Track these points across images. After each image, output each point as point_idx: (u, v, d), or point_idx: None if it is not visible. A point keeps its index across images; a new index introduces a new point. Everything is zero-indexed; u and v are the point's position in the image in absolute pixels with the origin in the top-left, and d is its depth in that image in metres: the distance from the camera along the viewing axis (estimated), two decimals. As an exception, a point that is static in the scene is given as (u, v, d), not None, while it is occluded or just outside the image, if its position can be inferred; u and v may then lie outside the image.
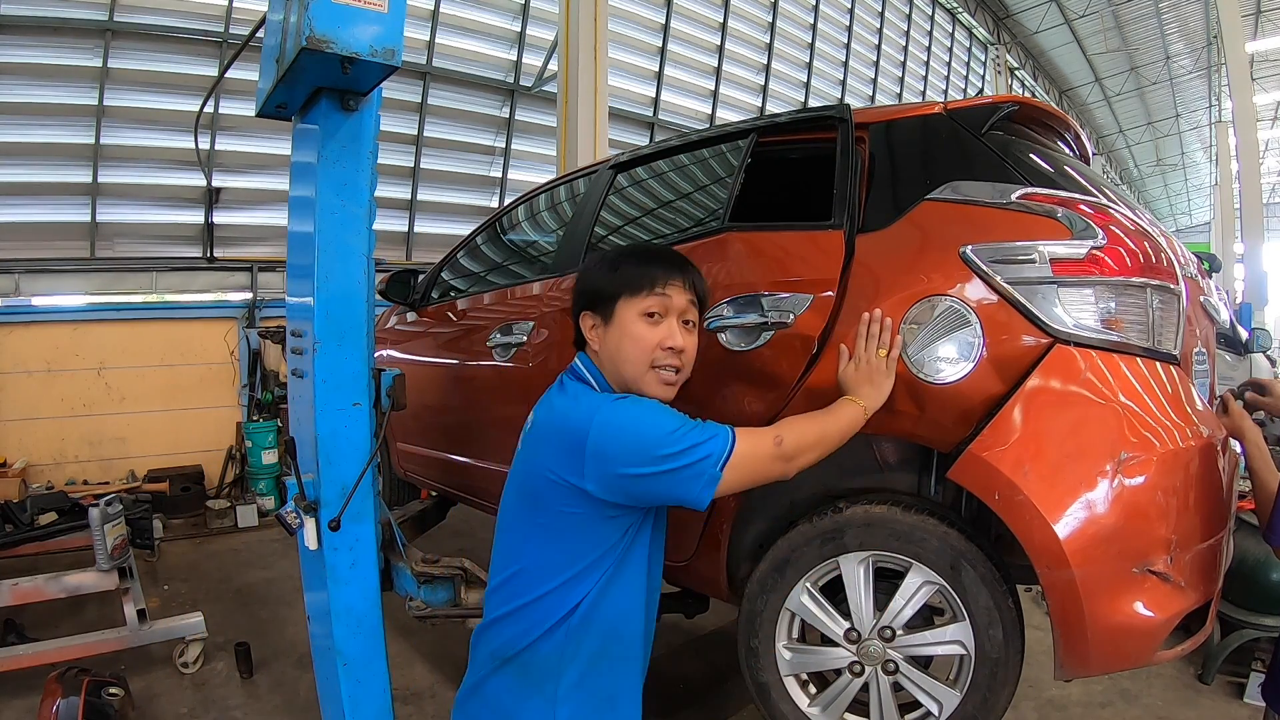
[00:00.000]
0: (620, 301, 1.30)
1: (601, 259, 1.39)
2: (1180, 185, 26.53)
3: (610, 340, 1.31)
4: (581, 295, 1.37)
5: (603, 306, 1.32)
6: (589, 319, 1.35)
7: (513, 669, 1.27)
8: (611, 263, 1.34)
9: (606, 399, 1.25)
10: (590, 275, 1.37)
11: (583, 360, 1.37)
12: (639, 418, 1.21)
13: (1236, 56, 9.63)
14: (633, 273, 1.31)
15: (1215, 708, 2.66)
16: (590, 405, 1.24)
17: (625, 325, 1.29)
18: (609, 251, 1.40)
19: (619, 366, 1.31)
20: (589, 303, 1.35)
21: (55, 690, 2.25)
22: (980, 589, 1.50)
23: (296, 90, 1.61)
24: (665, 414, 1.23)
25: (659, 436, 1.19)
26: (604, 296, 1.32)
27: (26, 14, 4.70)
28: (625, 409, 1.22)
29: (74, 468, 5.15)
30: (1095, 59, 16.75)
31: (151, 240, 5.52)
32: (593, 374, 1.34)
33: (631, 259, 1.34)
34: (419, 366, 2.90)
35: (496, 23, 6.92)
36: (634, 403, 1.24)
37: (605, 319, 1.32)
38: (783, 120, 1.97)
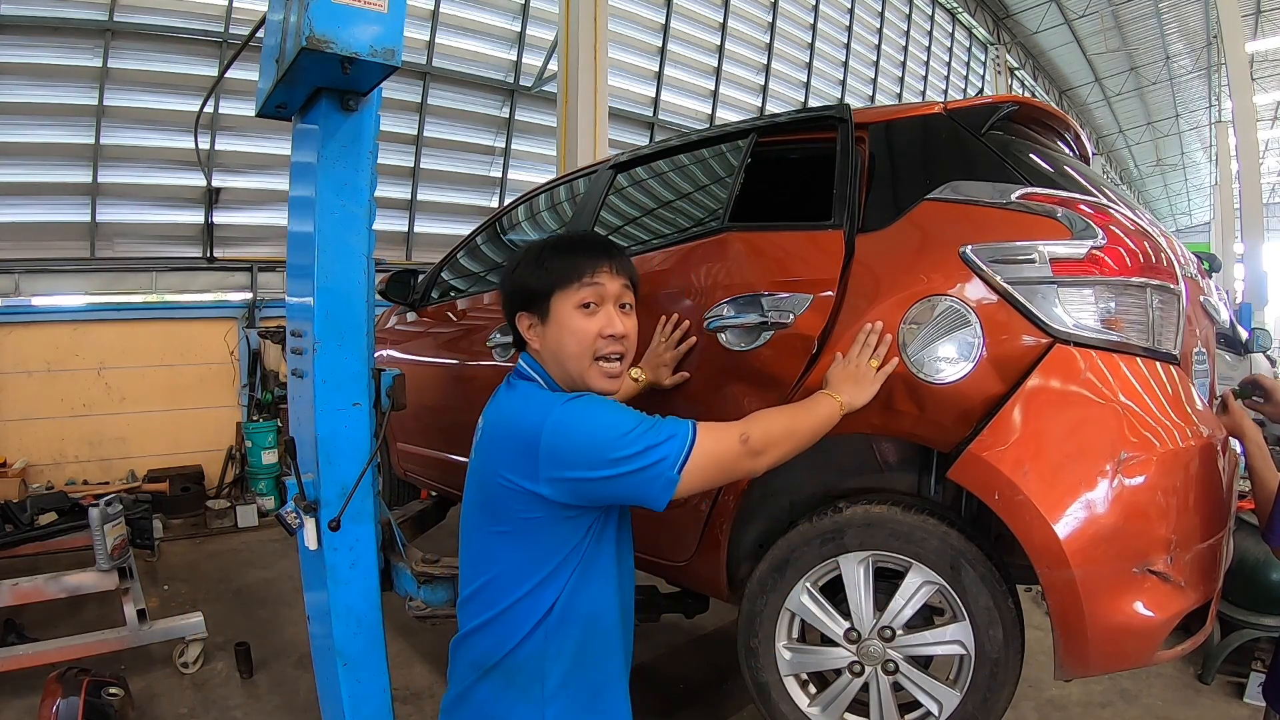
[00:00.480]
0: (554, 298, 1.27)
1: (525, 256, 1.32)
2: (1180, 185, 26.53)
3: (550, 337, 1.28)
4: (513, 296, 1.33)
5: (537, 305, 1.29)
6: (525, 319, 1.31)
7: (497, 676, 1.25)
8: (537, 258, 1.29)
9: (558, 399, 1.21)
10: (518, 274, 1.32)
11: (526, 360, 1.34)
12: (592, 418, 1.18)
13: (1236, 56, 9.63)
14: (560, 266, 1.27)
15: (1215, 708, 2.66)
16: (542, 406, 1.20)
17: (563, 320, 1.26)
18: (530, 247, 1.33)
19: (563, 362, 1.28)
20: (522, 303, 1.31)
21: (55, 690, 2.25)
22: (980, 589, 1.50)
23: (296, 90, 1.61)
24: (620, 414, 1.19)
25: (613, 438, 1.15)
26: (536, 295, 1.28)
27: (26, 14, 4.69)
28: (578, 409, 1.18)
29: (74, 468, 5.15)
30: (1095, 59, 16.75)
31: (151, 240, 5.52)
32: (538, 373, 1.31)
33: (556, 252, 1.29)
34: (419, 366, 2.90)
35: (496, 23, 6.92)
36: (588, 402, 1.20)
37: (542, 317, 1.28)
38: (783, 120, 1.97)
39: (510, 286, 1.33)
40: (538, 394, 1.26)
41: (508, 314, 1.35)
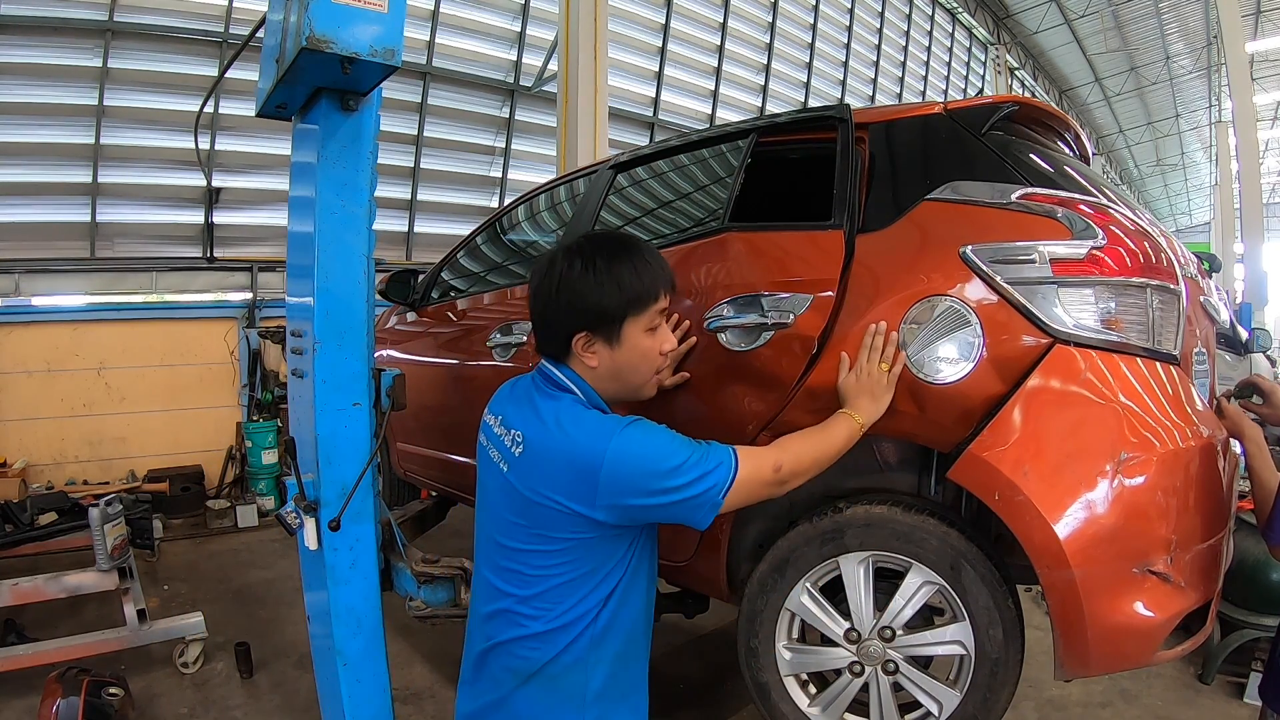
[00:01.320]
0: (627, 323, 1.23)
1: (590, 271, 1.23)
2: (1180, 185, 26.53)
3: (619, 359, 1.25)
4: (579, 315, 1.24)
5: (605, 327, 1.23)
6: (586, 339, 1.24)
7: (539, 683, 1.26)
8: (609, 276, 1.22)
9: (615, 426, 1.20)
10: (587, 292, 1.22)
11: (566, 373, 1.28)
12: (652, 448, 1.19)
13: (1236, 56, 9.62)
14: (636, 289, 1.22)
15: (1215, 708, 2.66)
16: (599, 434, 1.19)
17: (635, 344, 1.24)
18: (586, 253, 1.24)
19: (625, 381, 1.27)
20: (589, 323, 1.23)
21: (55, 690, 2.24)
22: (980, 589, 1.50)
23: (296, 90, 1.61)
24: (674, 443, 1.21)
25: (669, 468, 1.17)
26: (609, 318, 1.22)
27: (26, 14, 4.69)
28: (637, 440, 1.19)
29: (74, 468, 5.15)
30: (1095, 59, 16.75)
31: (151, 240, 5.52)
32: (581, 388, 1.27)
33: (627, 270, 1.23)
34: (419, 366, 2.90)
35: (496, 23, 6.92)
36: (644, 432, 1.21)
37: (610, 340, 1.24)
38: (783, 120, 1.97)
39: (575, 303, 1.23)
40: (589, 418, 1.23)
41: (559, 329, 1.26)
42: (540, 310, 1.28)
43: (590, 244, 1.26)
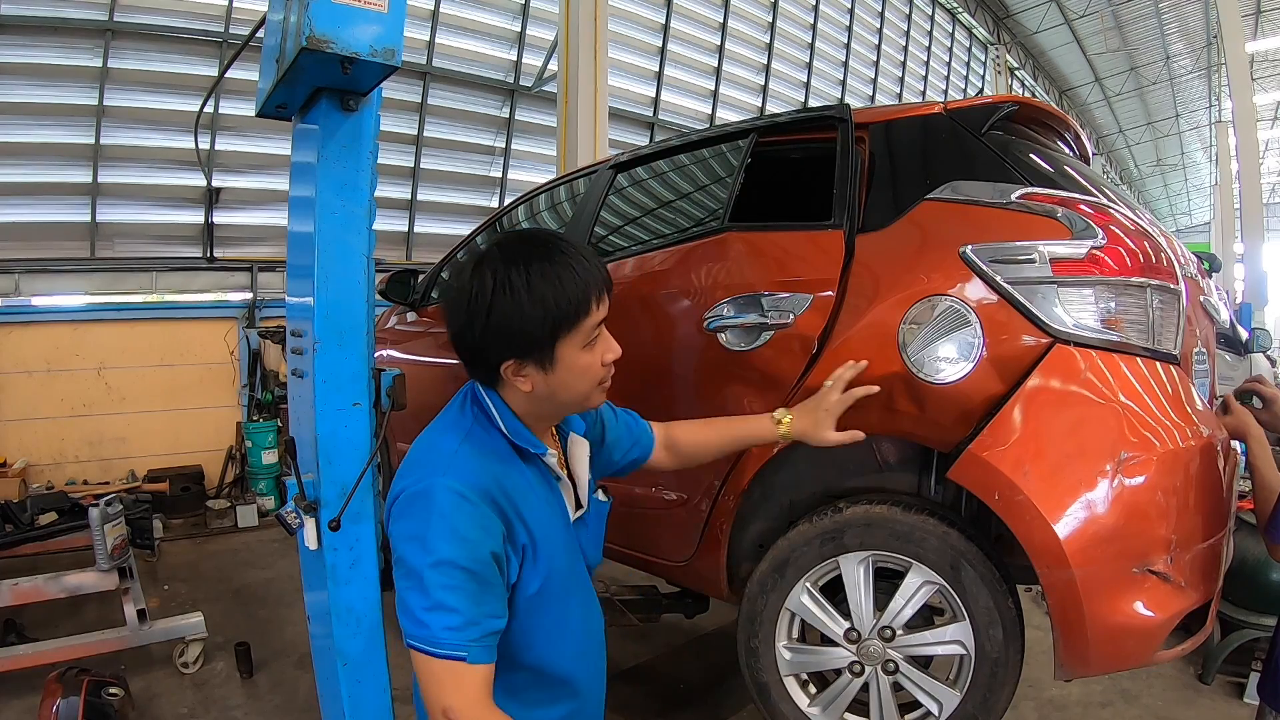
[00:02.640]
0: (560, 344, 1.03)
1: (507, 291, 1.00)
2: (1180, 185, 26.52)
3: (555, 382, 1.06)
4: (503, 342, 1.03)
5: (536, 353, 1.03)
6: (515, 366, 1.05)
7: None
8: (529, 295, 1.00)
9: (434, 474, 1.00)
10: (509, 317, 1.00)
11: (489, 396, 1.11)
12: (433, 528, 0.96)
13: (1236, 56, 9.62)
14: (562, 307, 1.01)
15: (1215, 708, 2.66)
16: (423, 470, 1.03)
17: (571, 364, 1.05)
18: (499, 269, 1.01)
19: (561, 401, 1.10)
20: (516, 350, 1.03)
21: (55, 690, 2.24)
22: (980, 589, 1.50)
23: (296, 90, 1.61)
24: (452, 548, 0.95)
25: (421, 558, 0.96)
26: (536, 343, 1.02)
27: (26, 14, 4.69)
28: (435, 507, 0.97)
29: (74, 468, 5.14)
30: (1095, 59, 16.75)
31: (151, 240, 5.52)
32: (498, 409, 1.10)
33: (549, 284, 1.00)
34: (419, 366, 2.90)
35: (496, 23, 6.92)
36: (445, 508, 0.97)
37: (543, 364, 1.04)
38: (783, 120, 1.97)
39: (498, 329, 1.02)
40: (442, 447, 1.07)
41: (485, 357, 1.06)
42: (457, 335, 1.08)
43: (503, 254, 1.03)
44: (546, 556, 1.07)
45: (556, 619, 1.11)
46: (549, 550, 1.08)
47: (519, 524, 1.03)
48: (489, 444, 1.08)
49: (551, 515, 1.12)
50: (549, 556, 1.08)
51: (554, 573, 1.08)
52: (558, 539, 1.11)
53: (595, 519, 1.24)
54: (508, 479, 1.05)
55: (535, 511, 1.07)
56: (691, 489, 1.86)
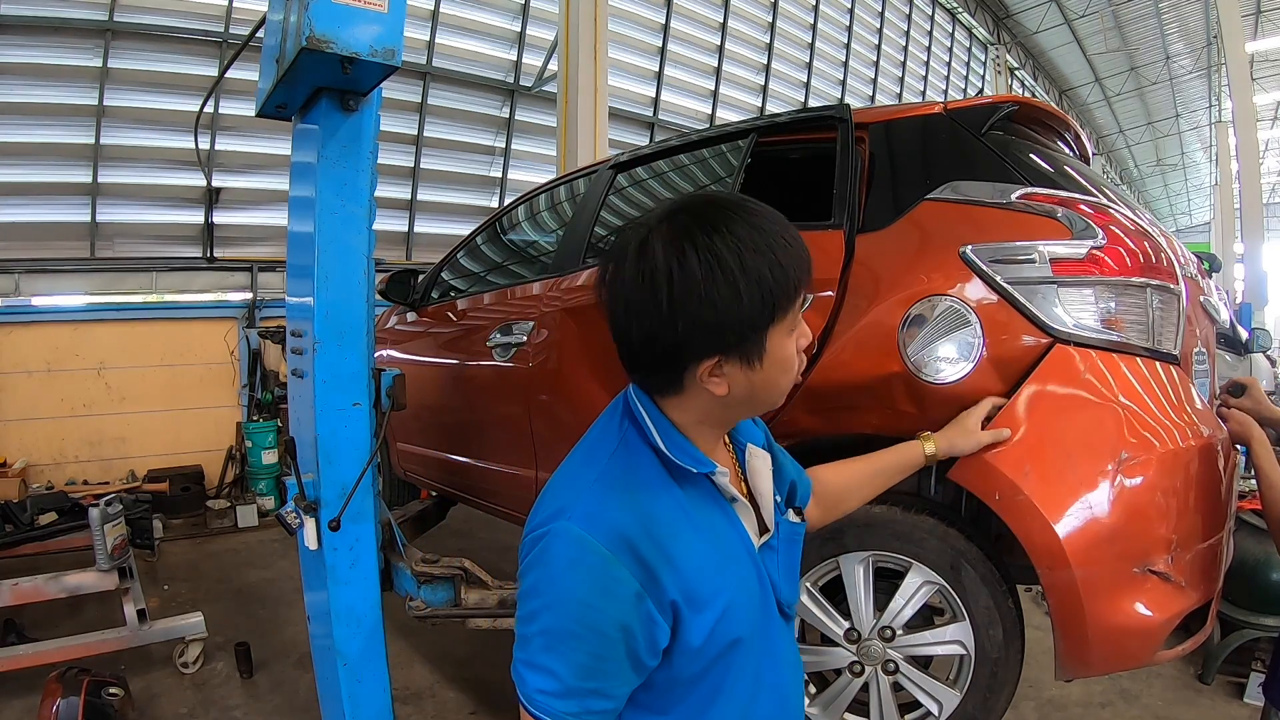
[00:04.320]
0: (772, 330, 0.82)
1: (715, 269, 0.77)
2: (1180, 185, 26.53)
3: (759, 380, 0.84)
4: (706, 335, 0.80)
5: (744, 347, 0.81)
6: (714, 367, 0.82)
7: None
8: (744, 274, 0.78)
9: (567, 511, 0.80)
10: (716, 302, 0.78)
11: (644, 403, 0.88)
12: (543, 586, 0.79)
13: (1236, 56, 9.62)
14: (780, 280, 0.80)
15: (1215, 708, 2.66)
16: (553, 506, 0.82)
17: (779, 356, 0.84)
18: (699, 241, 0.78)
19: (755, 405, 0.89)
20: (721, 345, 0.80)
21: (55, 690, 2.24)
22: (980, 589, 1.50)
23: (296, 90, 1.61)
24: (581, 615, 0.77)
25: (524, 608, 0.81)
26: (748, 332, 0.80)
27: (26, 14, 4.69)
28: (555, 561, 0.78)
29: (74, 468, 5.15)
30: (1095, 59, 16.76)
31: (151, 240, 5.52)
32: (657, 424, 0.86)
33: (764, 258, 0.79)
34: (419, 366, 2.90)
35: (496, 23, 6.92)
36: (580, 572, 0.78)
37: (750, 359, 0.82)
38: (783, 120, 1.97)
39: (699, 319, 0.78)
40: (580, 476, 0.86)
41: (675, 358, 0.82)
42: (647, 337, 0.82)
43: (698, 223, 0.80)
44: (718, 603, 0.83)
45: (739, 675, 0.87)
46: (723, 594, 0.84)
47: (668, 574, 0.79)
48: (636, 468, 0.85)
49: (723, 549, 0.87)
50: (723, 602, 0.84)
51: (733, 619, 0.85)
52: (733, 576, 0.87)
53: (787, 544, 0.99)
54: (658, 514, 0.82)
55: (696, 550, 0.83)
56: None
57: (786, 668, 0.96)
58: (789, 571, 0.99)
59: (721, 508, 0.90)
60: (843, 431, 1.65)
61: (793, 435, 1.68)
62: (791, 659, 0.99)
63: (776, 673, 0.94)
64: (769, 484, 0.99)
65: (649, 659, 0.81)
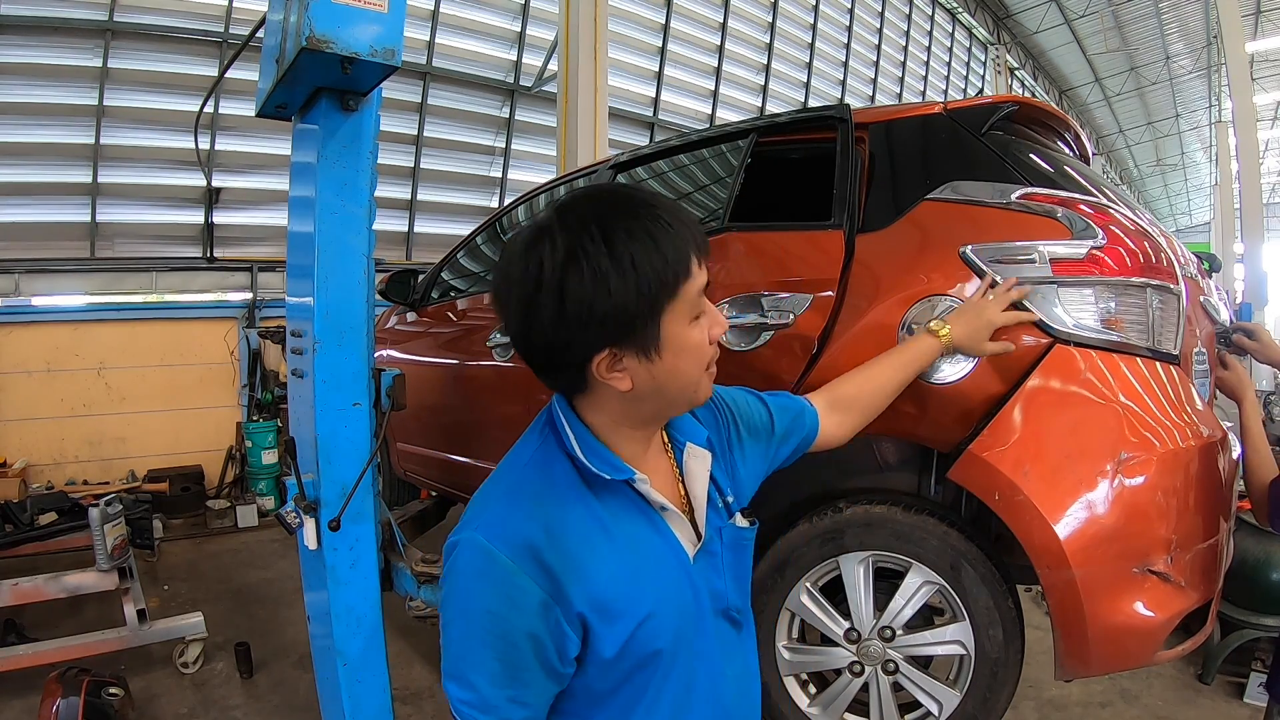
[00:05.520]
0: (664, 318, 0.80)
1: (586, 261, 0.76)
2: (1180, 185, 26.52)
3: (661, 371, 0.82)
4: (592, 330, 0.78)
5: (639, 335, 0.80)
6: (610, 359, 0.81)
7: None
8: (616, 261, 0.76)
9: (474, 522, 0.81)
10: (596, 295, 0.76)
11: (563, 412, 0.87)
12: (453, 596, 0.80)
13: (1236, 56, 9.61)
14: (661, 269, 0.78)
15: (1215, 708, 2.66)
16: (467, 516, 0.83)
17: (681, 343, 0.82)
18: (573, 236, 0.77)
19: (668, 397, 0.86)
20: (610, 337, 0.79)
21: (55, 690, 2.25)
22: (980, 589, 1.50)
23: (296, 90, 1.61)
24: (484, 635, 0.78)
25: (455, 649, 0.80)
26: (634, 321, 0.79)
27: (26, 14, 4.69)
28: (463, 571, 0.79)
29: (74, 468, 5.15)
30: (1095, 59, 16.75)
31: (151, 240, 5.52)
32: (575, 431, 0.85)
33: (641, 243, 0.78)
34: (419, 366, 2.90)
35: (496, 23, 6.92)
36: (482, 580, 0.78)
37: (647, 349, 0.81)
38: (783, 120, 1.97)
39: (583, 316, 0.77)
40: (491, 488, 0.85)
41: (568, 356, 0.81)
42: (521, 334, 0.83)
43: (565, 219, 0.79)
44: (635, 614, 0.82)
45: (662, 686, 0.85)
46: (641, 606, 0.82)
47: (575, 585, 0.78)
48: (550, 477, 0.84)
49: (643, 558, 0.85)
50: (641, 613, 0.82)
51: (651, 631, 0.83)
52: (653, 588, 0.84)
53: (733, 549, 0.96)
54: (568, 523, 0.81)
55: (608, 560, 0.81)
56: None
57: (728, 678, 0.94)
58: (737, 577, 0.97)
59: (647, 516, 0.87)
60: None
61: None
62: (737, 668, 0.96)
63: (714, 683, 0.91)
64: (704, 487, 0.95)
65: (563, 667, 0.80)
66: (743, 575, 1.00)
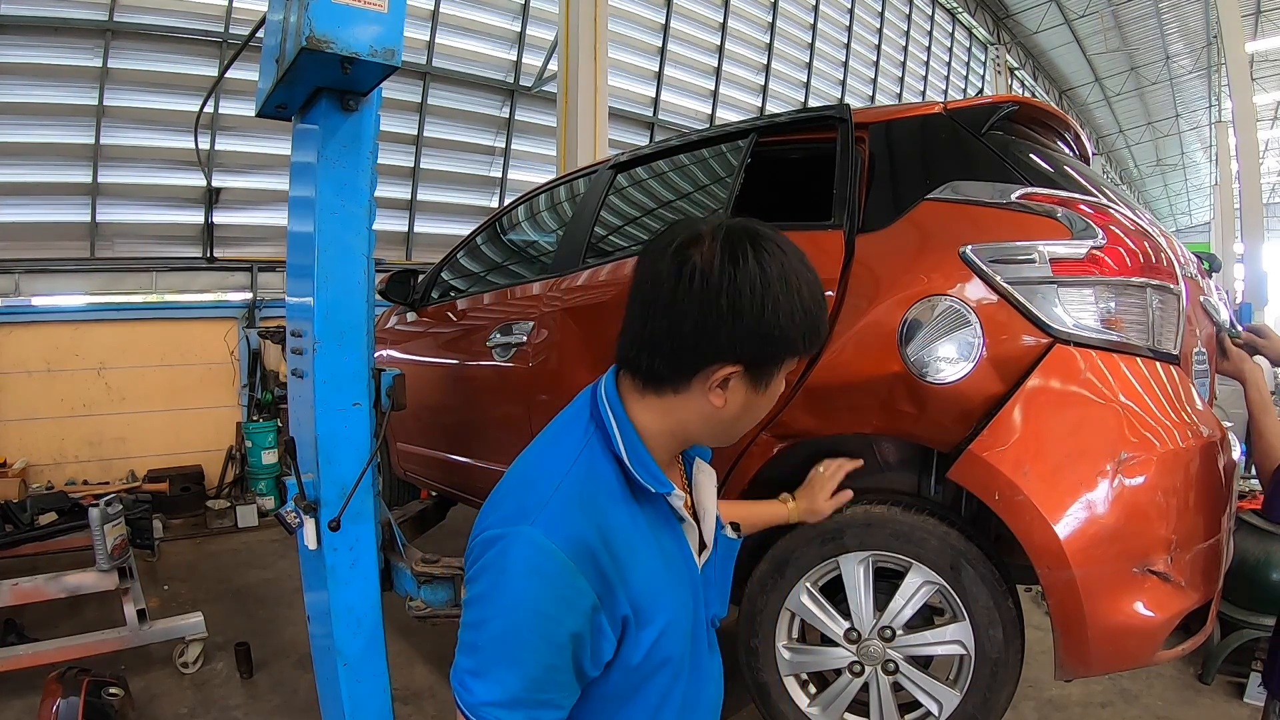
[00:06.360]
0: (785, 362, 0.83)
1: (785, 282, 0.79)
2: (1180, 185, 26.52)
3: (753, 406, 0.85)
4: (747, 338, 0.78)
5: (764, 365, 0.81)
6: (734, 375, 0.81)
7: None
8: (798, 298, 0.79)
9: (528, 516, 0.77)
10: (774, 310, 0.78)
11: (614, 407, 0.86)
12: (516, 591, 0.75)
13: (1236, 56, 9.62)
14: (813, 319, 0.82)
15: (1215, 708, 2.66)
16: (512, 508, 0.80)
17: (774, 391, 0.86)
18: (773, 254, 0.79)
19: (728, 434, 0.88)
20: (754, 353, 0.80)
21: (55, 690, 2.24)
22: (980, 589, 1.50)
23: (296, 90, 1.61)
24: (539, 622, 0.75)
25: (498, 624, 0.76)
26: (777, 351, 0.81)
27: (26, 14, 4.69)
28: (522, 565, 0.75)
29: (74, 468, 5.14)
30: (1095, 59, 16.75)
31: (151, 240, 5.52)
32: (625, 436, 0.84)
33: (811, 293, 0.82)
34: (419, 366, 2.90)
35: (496, 23, 6.92)
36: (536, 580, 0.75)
37: (759, 383, 0.83)
38: (783, 120, 1.97)
39: (750, 319, 0.78)
40: (541, 479, 0.83)
41: (701, 350, 0.79)
42: (659, 319, 0.80)
43: (759, 238, 0.80)
44: (659, 622, 0.83)
45: (661, 693, 0.86)
46: (663, 613, 0.83)
47: (621, 590, 0.79)
48: (599, 477, 0.83)
49: (670, 568, 0.87)
50: (663, 621, 0.83)
51: (668, 638, 0.84)
52: (675, 596, 0.87)
53: (723, 560, 1.00)
54: (617, 526, 0.81)
55: (647, 568, 0.82)
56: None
57: (708, 684, 0.96)
58: (721, 587, 1.01)
59: (671, 526, 0.89)
60: (843, 432, 1.65)
61: (793, 435, 1.68)
62: (714, 674, 0.99)
63: (698, 691, 0.93)
64: (713, 500, 0.99)
65: (591, 670, 0.80)
66: (726, 584, 1.03)
